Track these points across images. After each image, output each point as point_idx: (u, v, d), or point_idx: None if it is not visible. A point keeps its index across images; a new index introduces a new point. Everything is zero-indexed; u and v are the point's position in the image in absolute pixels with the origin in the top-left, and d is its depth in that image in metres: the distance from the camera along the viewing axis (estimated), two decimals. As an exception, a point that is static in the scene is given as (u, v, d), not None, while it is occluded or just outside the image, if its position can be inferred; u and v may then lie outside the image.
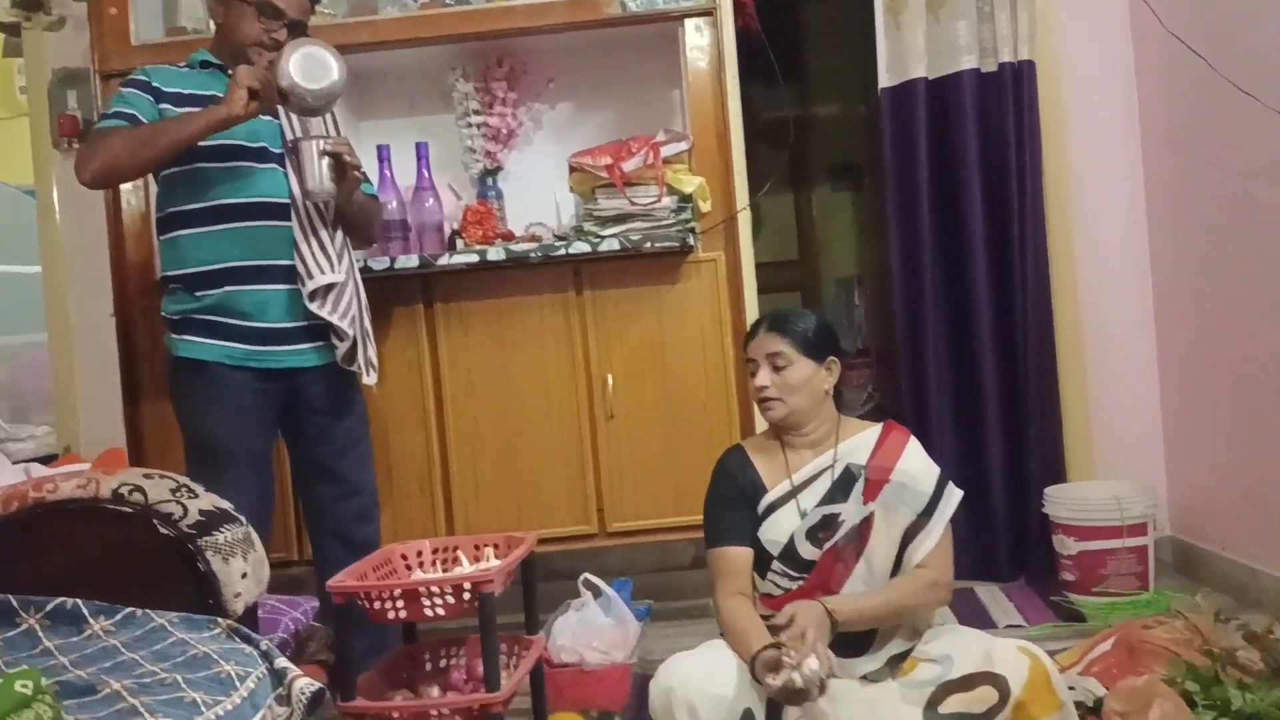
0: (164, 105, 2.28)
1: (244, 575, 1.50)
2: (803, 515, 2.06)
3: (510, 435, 2.99)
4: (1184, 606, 2.31)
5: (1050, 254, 3.27)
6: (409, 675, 2.00)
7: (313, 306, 2.32)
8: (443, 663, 2.05)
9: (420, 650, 2.07)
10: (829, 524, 2.04)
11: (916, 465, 2.07)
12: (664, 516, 3.00)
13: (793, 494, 2.08)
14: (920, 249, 3.31)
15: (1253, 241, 2.76)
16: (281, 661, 1.39)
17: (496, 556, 2.02)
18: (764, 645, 1.82)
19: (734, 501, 2.10)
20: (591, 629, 2.26)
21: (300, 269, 2.33)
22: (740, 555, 2.03)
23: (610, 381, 2.97)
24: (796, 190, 6.39)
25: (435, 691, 1.88)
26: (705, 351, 2.99)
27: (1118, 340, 3.35)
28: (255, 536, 1.59)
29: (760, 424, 3.06)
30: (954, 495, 2.06)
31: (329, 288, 2.35)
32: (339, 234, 2.42)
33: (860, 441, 2.12)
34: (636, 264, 2.94)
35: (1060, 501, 3.13)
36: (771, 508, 2.08)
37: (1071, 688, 1.99)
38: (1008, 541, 3.30)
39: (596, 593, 2.35)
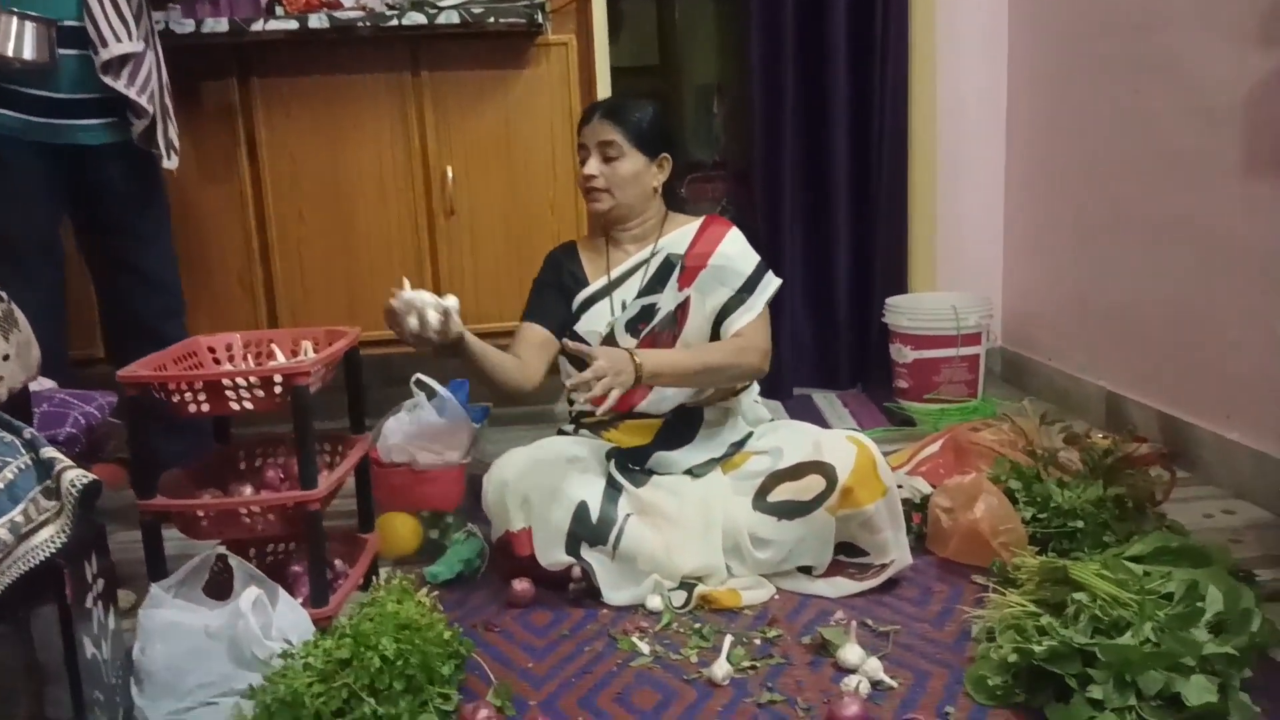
0: None
1: (5, 357, 1.30)
2: (622, 308, 2.06)
3: (341, 230, 2.78)
4: (1011, 411, 2.38)
5: (910, 64, 3.19)
6: (221, 475, 1.86)
7: (107, 79, 2.04)
8: (258, 463, 1.92)
9: (234, 450, 1.93)
10: (647, 314, 2.05)
11: (735, 250, 2.07)
12: (507, 320, 2.86)
13: (609, 289, 2.08)
14: (782, 54, 3.16)
15: (1103, 60, 2.73)
16: (49, 451, 1.22)
17: (316, 352, 1.87)
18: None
19: (549, 286, 2.12)
20: (424, 429, 2.15)
21: (92, 34, 2.02)
22: (535, 331, 2.08)
23: (450, 175, 2.77)
24: (660, -7, 6.08)
25: (248, 490, 1.76)
26: (555, 147, 2.81)
27: (968, 154, 3.34)
28: (19, 315, 1.39)
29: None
30: (773, 281, 2.07)
31: (125, 58, 2.06)
32: None
33: (681, 234, 2.10)
34: (480, 44, 2.69)
35: (900, 311, 3.17)
36: (589, 301, 2.08)
37: (900, 486, 2.03)
38: (848, 350, 3.35)
39: (430, 393, 2.24)
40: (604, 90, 2.84)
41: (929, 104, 3.24)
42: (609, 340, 2.05)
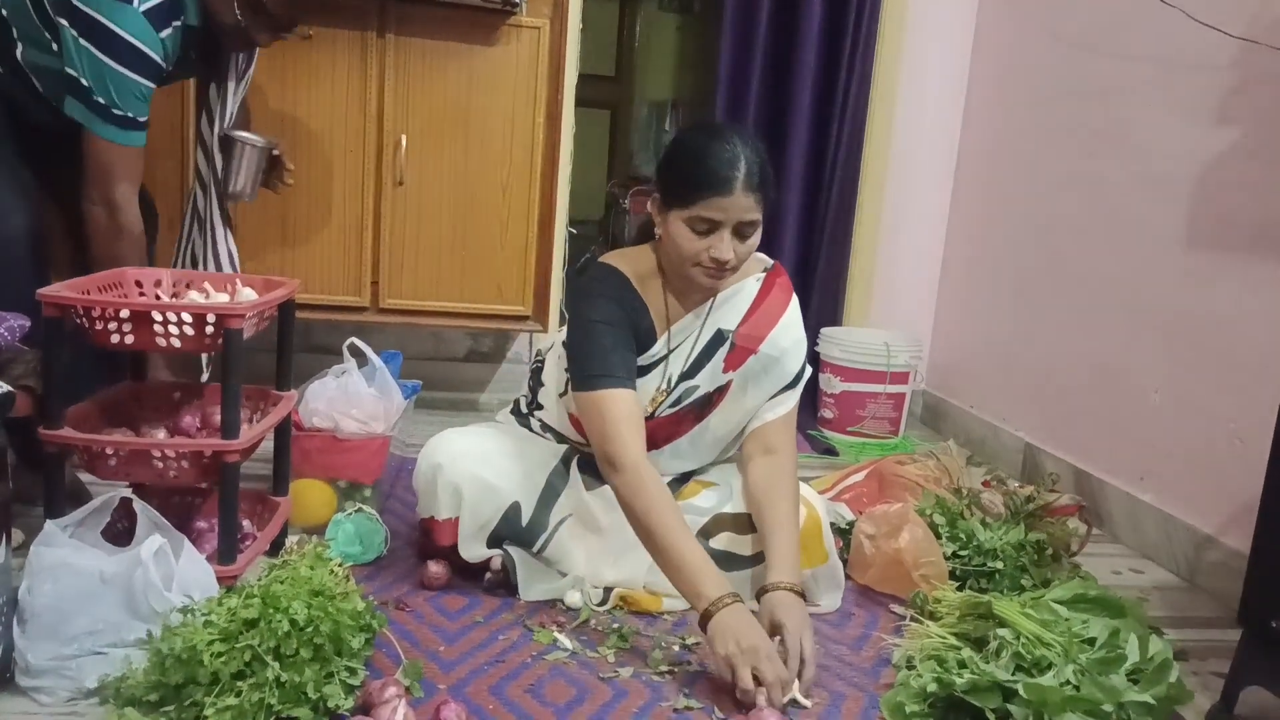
0: None
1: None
2: (669, 386, 1.80)
3: (282, 183, 2.66)
4: (938, 450, 2.41)
5: (871, 100, 3.24)
6: (132, 416, 1.75)
7: None
8: (173, 408, 1.81)
9: (148, 392, 1.82)
10: (686, 398, 1.81)
11: (789, 338, 1.81)
12: (444, 300, 2.80)
13: (665, 358, 1.79)
14: (750, 72, 3.17)
15: (1058, 123, 2.80)
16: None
17: (251, 299, 1.77)
18: (724, 597, 1.51)
19: (624, 338, 1.71)
20: (351, 397, 2.06)
21: None
22: (634, 401, 1.67)
23: (404, 143, 2.68)
24: (623, 2, 6.08)
25: (161, 434, 1.65)
26: (514, 129, 2.75)
27: (915, 199, 3.39)
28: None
29: (561, 217, 2.91)
30: (807, 370, 1.86)
31: None
32: None
33: (737, 296, 1.80)
34: (451, 13, 2.62)
35: (834, 342, 3.19)
36: (646, 368, 1.78)
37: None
38: (779, 375, 3.36)
39: (362, 361, 2.15)
40: (571, 79, 2.80)
41: (884, 144, 3.29)
42: (648, 419, 1.75)
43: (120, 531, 1.60)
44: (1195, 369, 2.24)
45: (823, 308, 3.33)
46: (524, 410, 1.97)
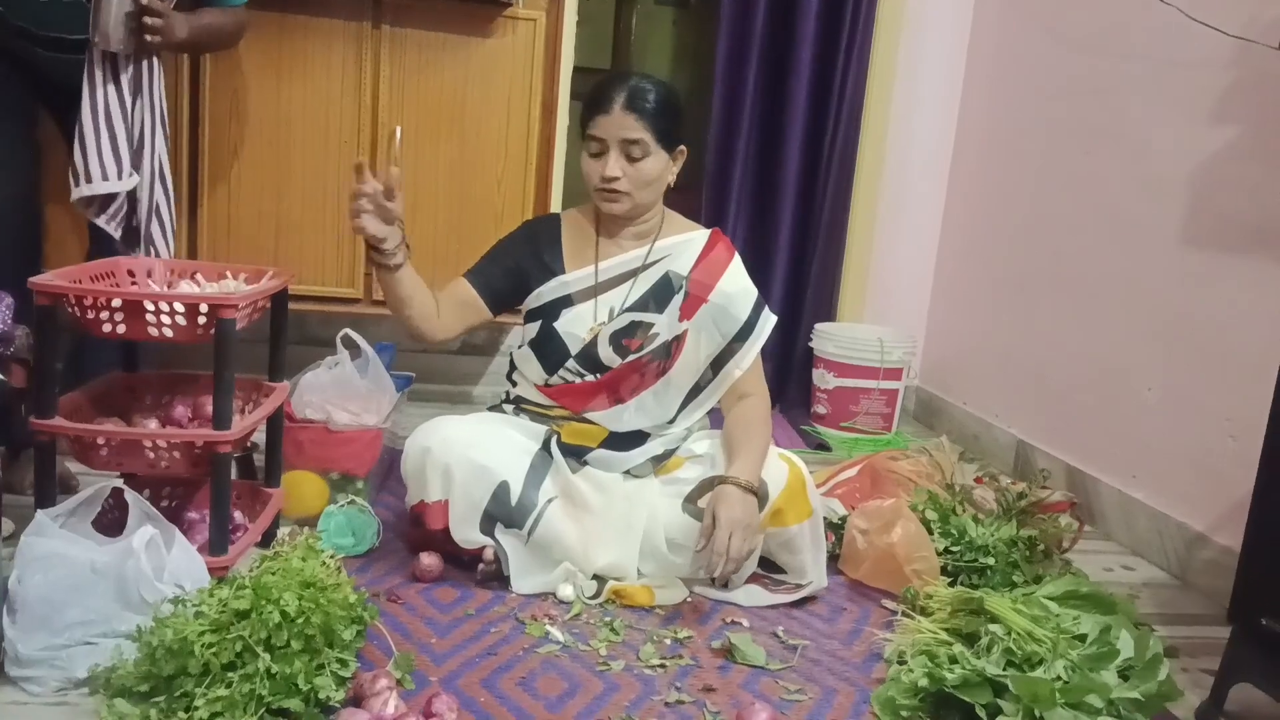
0: None
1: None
2: (610, 316, 1.91)
3: (276, 174, 2.66)
4: (931, 446, 2.41)
5: (867, 95, 3.23)
6: (123, 406, 1.74)
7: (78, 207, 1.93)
8: (165, 399, 1.80)
9: (140, 383, 1.81)
10: (637, 332, 1.90)
11: (736, 286, 1.94)
12: (438, 291, 2.79)
13: (595, 290, 1.91)
14: (746, 68, 3.16)
15: (1055, 121, 2.80)
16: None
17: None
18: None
19: (508, 260, 1.94)
20: (344, 388, 2.07)
21: (78, 164, 1.89)
22: (466, 290, 1.92)
23: (399, 134, 2.67)
24: (620, -6, 6.06)
25: (153, 425, 1.65)
26: (509, 122, 2.74)
27: (910, 195, 3.39)
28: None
29: (556, 210, 2.90)
30: (769, 320, 1.97)
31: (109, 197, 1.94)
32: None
33: (684, 246, 1.95)
34: (448, 5, 2.61)
35: (828, 337, 3.19)
36: (568, 299, 1.91)
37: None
38: (772, 370, 3.35)
39: (355, 353, 2.15)
40: (567, 72, 2.79)
41: (879, 140, 3.29)
42: (589, 351, 1.90)
43: (112, 521, 1.60)
44: (1190, 367, 2.24)
45: (817, 303, 3.33)
46: (505, 398, 2.04)
